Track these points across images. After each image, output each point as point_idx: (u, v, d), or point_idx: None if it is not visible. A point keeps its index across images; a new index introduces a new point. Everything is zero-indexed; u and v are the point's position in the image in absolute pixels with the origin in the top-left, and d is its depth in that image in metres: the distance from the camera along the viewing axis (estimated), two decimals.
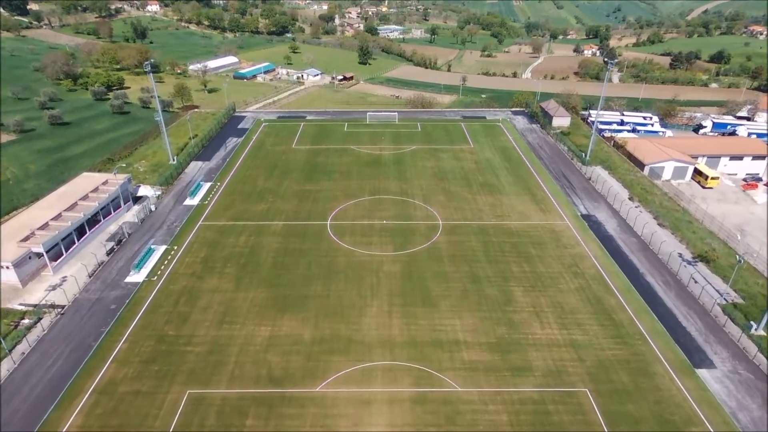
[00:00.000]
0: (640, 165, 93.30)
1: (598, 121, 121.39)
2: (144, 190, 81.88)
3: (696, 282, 59.21)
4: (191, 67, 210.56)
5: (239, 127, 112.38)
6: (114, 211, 73.11)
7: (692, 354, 48.95)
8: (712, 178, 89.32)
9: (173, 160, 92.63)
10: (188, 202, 78.41)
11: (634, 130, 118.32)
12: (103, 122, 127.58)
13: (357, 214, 74.58)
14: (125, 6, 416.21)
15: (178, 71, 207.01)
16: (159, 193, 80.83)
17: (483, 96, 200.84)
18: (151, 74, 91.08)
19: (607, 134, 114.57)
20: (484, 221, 72.91)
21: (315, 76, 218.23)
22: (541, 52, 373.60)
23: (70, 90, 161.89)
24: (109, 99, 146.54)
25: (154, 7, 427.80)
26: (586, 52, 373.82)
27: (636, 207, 76.94)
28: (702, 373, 46.72)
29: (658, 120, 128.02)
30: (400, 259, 63.74)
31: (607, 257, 64.49)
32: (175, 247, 66.35)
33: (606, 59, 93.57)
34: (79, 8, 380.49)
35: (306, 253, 65.06)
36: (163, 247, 66.24)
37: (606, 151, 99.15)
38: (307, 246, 66.59)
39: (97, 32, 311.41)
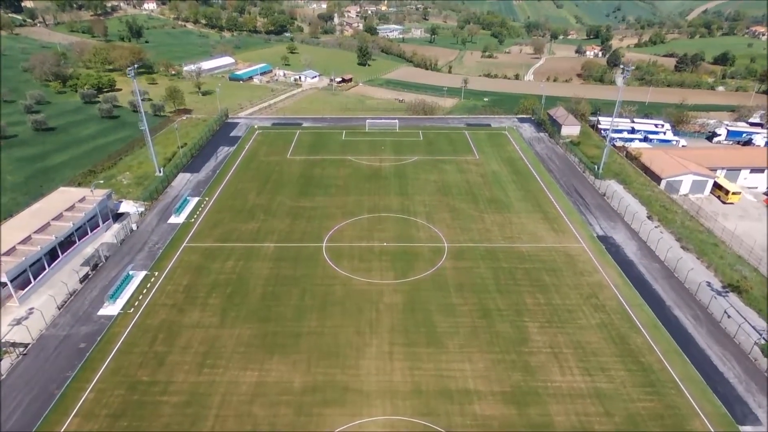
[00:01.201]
0: (656, 178, 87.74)
1: (610, 131, 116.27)
2: (126, 206, 76.05)
3: (730, 317, 53.58)
4: (186, 68, 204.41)
5: (231, 134, 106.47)
6: (91, 231, 67.31)
7: (733, 406, 43.35)
8: (734, 193, 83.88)
9: (159, 172, 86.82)
10: (173, 219, 72.59)
11: (645, 139, 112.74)
12: (90, 127, 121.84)
13: (355, 234, 68.86)
14: (121, 4, 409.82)
15: (173, 72, 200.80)
16: (142, 209, 75.03)
17: (485, 99, 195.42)
18: (135, 81, 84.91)
19: (618, 143, 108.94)
20: (492, 243, 67.23)
21: (313, 78, 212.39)
22: (543, 53, 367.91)
23: (59, 92, 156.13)
24: (98, 102, 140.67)
25: (151, 5, 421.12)
26: (588, 53, 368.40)
27: (656, 227, 71.31)
28: (747, 431, 41.13)
29: (669, 127, 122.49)
30: (402, 288, 58.06)
31: (629, 286, 58.85)
32: (156, 273, 60.56)
33: (623, 67, 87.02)
34: (75, 6, 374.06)
35: (299, 280, 59.35)
36: (143, 273, 60.47)
37: (620, 163, 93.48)
38: (301, 272, 60.87)
39: (92, 31, 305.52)
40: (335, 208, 75.96)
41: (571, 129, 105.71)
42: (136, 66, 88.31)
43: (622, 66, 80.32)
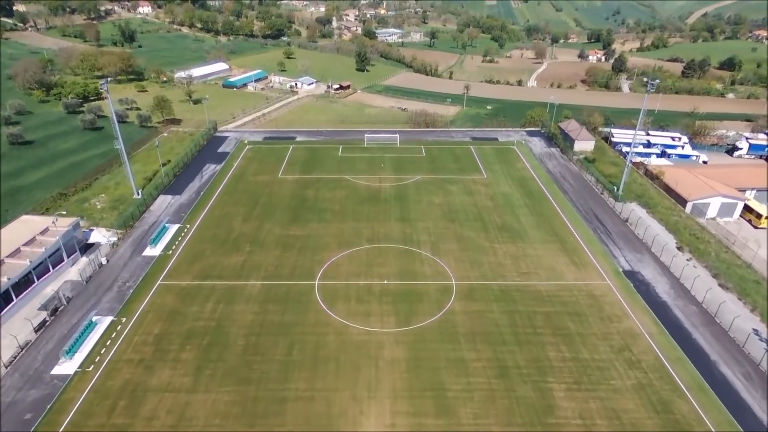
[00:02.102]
0: (681, 200, 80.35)
1: (623, 143, 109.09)
2: (97, 236, 68.40)
3: None
4: (177, 74, 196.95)
5: (219, 150, 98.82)
6: (53, 268, 59.66)
7: None
8: (766, 218, 76.50)
9: (137, 194, 79.21)
10: (148, 251, 64.95)
11: (663, 154, 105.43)
12: (70, 141, 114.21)
13: (352, 270, 61.28)
14: (115, 8, 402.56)
15: (164, 79, 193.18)
16: (114, 239, 67.39)
17: (488, 107, 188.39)
18: (109, 96, 77.21)
19: (634, 158, 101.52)
20: (506, 280, 59.69)
21: (310, 84, 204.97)
22: (545, 58, 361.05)
23: (42, 101, 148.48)
24: (83, 112, 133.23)
25: (145, 9, 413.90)
26: (590, 57, 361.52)
27: (688, 260, 63.85)
28: None
29: (687, 140, 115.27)
30: (406, 338, 50.48)
31: (666, 336, 51.31)
32: (123, 320, 52.91)
33: (646, 80, 79.18)
34: (68, 10, 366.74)
35: (287, 328, 51.73)
36: (109, 319, 52.83)
37: (640, 183, 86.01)
38: (290, 318, 53.26)
39: (84, 35, 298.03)
40: (330, 237, 68.37)
41: (584, 144, 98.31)
42: (108, 79, 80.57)
43: (646, 79, 72.66)
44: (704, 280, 59.48)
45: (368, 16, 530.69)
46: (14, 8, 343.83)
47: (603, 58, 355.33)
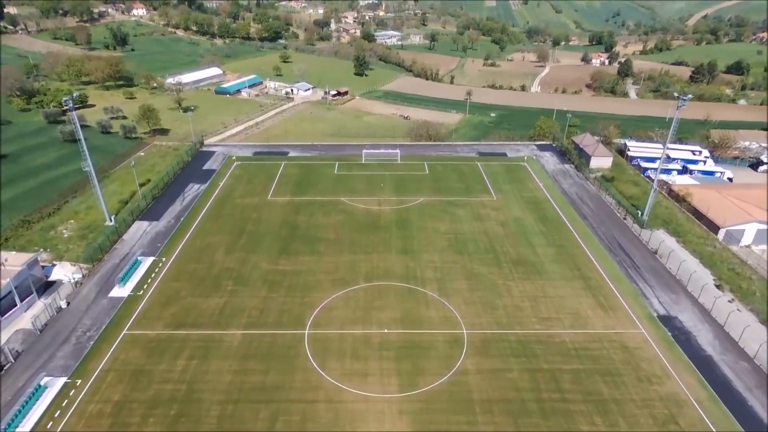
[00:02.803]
0: (712, 226, 72.65)
1: (640, 158, 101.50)
2: (60, 272, 60.51)
3: None
4: (168, 80, 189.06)
5: (205, 167, 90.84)
6: (3, 315, 51.73)
7: None
8: None
9: (110, 220, 71.32)
10: (116, 292, 57.09)
11: (684, 170, 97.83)
12: (48, 154, 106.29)
13: (347, 315, 53.45)
14: (109, 10, 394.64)
15: (154, 85, 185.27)
16: (79, 276, 59.50)
17: (492, 115, 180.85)
18: (74, 113, 69.43)
19: (652, 173, 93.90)
20: (525, 328, 51.91)
21: (306, 90, 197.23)
22: (547, 61, 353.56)
23: (22, 110, 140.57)
24: (64, 122, 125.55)
25: (140, 11, 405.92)
26: (594, 61, 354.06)
27: (731, 302, 56.13)
28: None
29: (708, 154, 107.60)
30: (411, 407, 42.65)
31: (717, 404, 43.52)
32: (78, 382, 45.04)
33: (677, 95, 71.16)
34: (60, 12, 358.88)
35: (271, 393, 43.89)
36: (61, 381, 44.98)
37: (666, 206, 78.22)
38: (274, 379, 45.41)
39: (75, 38, 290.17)
40: (323, 273, 60.53)
41: (601, 161, 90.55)
42: (74, 95, 72.94)
43: (677, 94, 65.19)
44: (753, 329, 51.69)
45: (367, 18, 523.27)
46: (5, 11, 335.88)
47: (607, 62, 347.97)
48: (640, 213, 73.73)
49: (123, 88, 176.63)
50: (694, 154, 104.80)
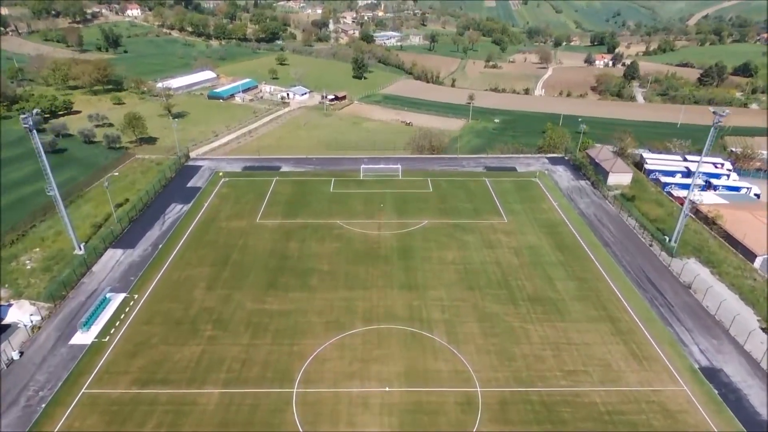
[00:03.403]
0: (747, 252, 65.60)
1: (658, 171, 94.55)
2: (17, 313, 53.29)
3: None
4: (159, 84, 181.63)
5: (189, 185, 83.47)
6: None
7: None
8: None
9: (80, 249, 64.07)
10: (78, 338, 49.89)
11: (708, 185, 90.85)
12: (24, 168, 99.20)
13: (342, 368, 46.27)
14: (103, 10, 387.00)
15: (144, 90, 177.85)
16: (37, 318, 52.31)
17: (496, 120, 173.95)
18: (35, 133, 62.30)
19: (673, 189, 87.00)
20: (548, 385, 44.76)
21: (302, 95, 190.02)
22: (550, 63, 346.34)
23: (3, 117, 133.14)
24: (45, 131, 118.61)
25: (134, 12, 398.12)
26: (597, 62, 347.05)
27: None
28: None
29: (731, 166, 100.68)
30: None
31: None
32: None
33: (714, 111, 63.60)
34: (52, 12, 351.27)
35: None
36: None
37: (695, 230, 70.99)
38: None
39: (66, 40, 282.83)
40: (315, 313, 53.36)
41: (620, 177, 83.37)
42: (35, 111, 65.98)
43: (714, 112, 57.94)
44: None
45: (366, 18, 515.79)
46: None
47: (610, 63, 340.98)
48: (667, 239, 66.64)
49: (112, 93, 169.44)
50: (717, 167, 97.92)
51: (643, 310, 54.67)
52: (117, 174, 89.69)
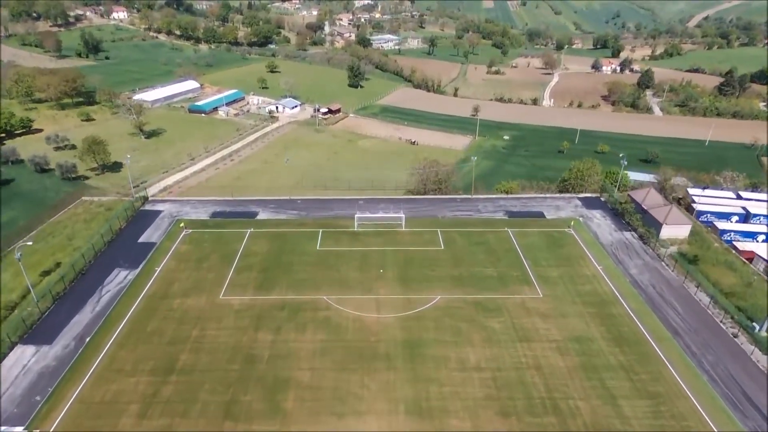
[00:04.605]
0: None
1: (710, 213, 78.90)
2: None
3: None
4: (135, 96, 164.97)
5: (141, 240, 66.89)
6: None
7: None
8: None
9: None
10: None
11: None
12: None
13: None
14: (87, 13, 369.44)
15: (119, 103, 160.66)
16: None
17: (506, 138, 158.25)
18: None
19: (738, 242, 71.45)
20: None
21: (293, 108, 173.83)
22: (555, 68, 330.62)
23: None
24: None
25: (121, 15, 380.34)
26: (605, 68, 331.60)
27: None
28: None
29: None
30: None
31: None
32: None
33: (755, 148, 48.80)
34: (33, 15, 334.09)
35: None
36: None
37: None
38: None
39: (43, 45, 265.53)
40: None
41: (676, 230, 67.27)
42: None
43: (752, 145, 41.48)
44: None
45: (362, 20, 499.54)
46: None
47: (618, 69, 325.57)
48: (756, 326, 50.80)
49: (81, 107, 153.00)
50: None
51: None
52: (56, 219, 73.20)
